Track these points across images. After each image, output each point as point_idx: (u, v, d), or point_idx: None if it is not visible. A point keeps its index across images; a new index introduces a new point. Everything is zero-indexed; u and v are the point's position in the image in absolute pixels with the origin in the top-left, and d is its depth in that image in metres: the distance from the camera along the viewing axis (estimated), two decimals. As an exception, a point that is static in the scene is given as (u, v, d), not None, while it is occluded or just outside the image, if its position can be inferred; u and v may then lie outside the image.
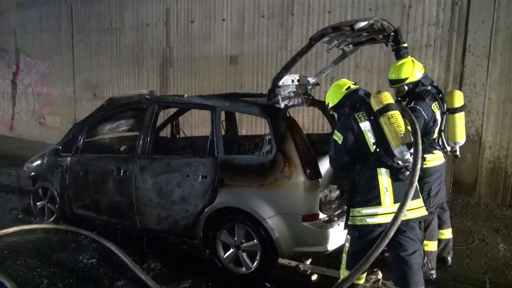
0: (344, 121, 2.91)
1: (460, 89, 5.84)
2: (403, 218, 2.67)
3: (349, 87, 3.04)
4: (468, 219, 5.33)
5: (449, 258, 3.89)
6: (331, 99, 3.10)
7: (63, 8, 11.20)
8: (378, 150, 2.72)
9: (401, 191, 2.64)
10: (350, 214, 2.85)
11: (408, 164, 2.67)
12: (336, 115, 3.11)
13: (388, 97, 2.76)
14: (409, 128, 2.73)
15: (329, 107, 3.15)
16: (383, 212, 2.70)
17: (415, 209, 2.79)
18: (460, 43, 5.96)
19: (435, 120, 3.47)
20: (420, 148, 2.60)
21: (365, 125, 2.78)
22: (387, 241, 2.57)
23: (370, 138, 2.76)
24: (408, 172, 2.66)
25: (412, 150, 2.61)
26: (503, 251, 4.33)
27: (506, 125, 5.78)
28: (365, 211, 2.75)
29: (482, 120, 5.90)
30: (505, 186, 5.87)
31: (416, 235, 2.77)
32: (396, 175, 2.71)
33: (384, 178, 2.72)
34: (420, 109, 3.36)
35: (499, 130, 5.83)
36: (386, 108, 2.70)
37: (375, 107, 2.76)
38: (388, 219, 2.66)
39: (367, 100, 2.90)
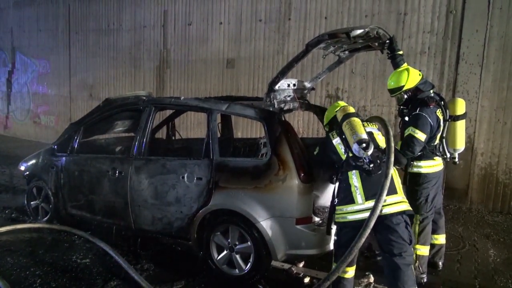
0: (324, 140, 3.43)
1: (453, 96, 5.92)
2: (380, 214, 2.84)
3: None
4: (459, 224, 5.40)
5: (440, 263, 3.93)
6: (325, 117, 3.53)
7: (60, 8, 11.19)
8: (347, 156, 3.06)
9: (371, 189, 2.93)
10: (335, 212, 3.14)
11: (364, 157, 2.87)
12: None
13: (349, 109, 3.14)
14: (368, 129, 3.08)
15: (324, 124, 3.61)
16: (357, 209, 2.97)
17: (390, 204, 2.93)
18: (454, 51, 6.05)
19: (439, 126, 3.53)
20: (392, 145, 2.93)
21: (336, 140, 3.18)
22: (368, 231, 2.79)
23: (341, 149, 3.12)
24: (366, 165, 2.89)
25: (363, 145, 2.85)
26: (493, 256, 4.39)
27: (498, 132, 5.86)
28: (345, 209, 3.04)
29: (474, 127, 5.98)
30: (496, 193, 5.95)
31: (398, 236, 2.89)
32: (362, 173, 2.97)
33: (354, 178, 3.02)
34: (426, 115, 3.41)
35: (491, 137, 5.91)
36: (346, 116, 3.07)
37: (339, 118, 3.11)
38: (361, 215, 2.92)
39: None
